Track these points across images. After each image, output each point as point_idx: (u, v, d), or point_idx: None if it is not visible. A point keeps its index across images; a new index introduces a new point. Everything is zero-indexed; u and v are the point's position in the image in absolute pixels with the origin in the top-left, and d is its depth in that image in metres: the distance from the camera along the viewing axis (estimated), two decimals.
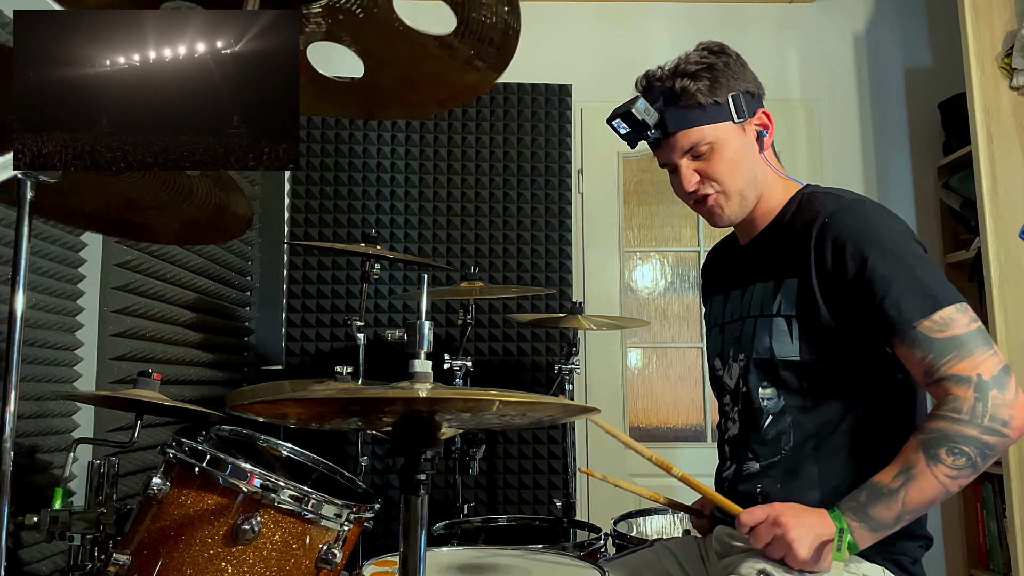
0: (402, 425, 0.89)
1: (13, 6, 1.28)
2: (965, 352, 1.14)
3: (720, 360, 1.43)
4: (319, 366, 2.97)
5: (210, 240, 1.47)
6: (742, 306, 1.37)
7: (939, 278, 1.19)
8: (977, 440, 1.11)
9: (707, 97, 1.32)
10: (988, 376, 1.12)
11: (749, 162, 1.35)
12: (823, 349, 1.26)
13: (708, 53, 1.36)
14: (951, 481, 1.12)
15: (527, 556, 1.45)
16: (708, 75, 1.33)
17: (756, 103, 1.36)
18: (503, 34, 1.05)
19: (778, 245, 1.34)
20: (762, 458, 1.31)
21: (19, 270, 1.01)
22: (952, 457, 1.12)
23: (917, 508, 1.14)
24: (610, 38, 3.28)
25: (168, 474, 1.30)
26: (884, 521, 1.14)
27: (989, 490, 2.83)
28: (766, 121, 1.36)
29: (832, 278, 1.22)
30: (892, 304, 1.17)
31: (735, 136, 1.34)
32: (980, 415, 1.11)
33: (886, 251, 1.20)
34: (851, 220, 1.23)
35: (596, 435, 3.08)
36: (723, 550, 1.36)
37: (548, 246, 3.07)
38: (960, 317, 1.15)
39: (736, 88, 1.34)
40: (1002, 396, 1.12)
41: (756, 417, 1.32)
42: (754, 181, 1.36)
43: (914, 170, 3.21)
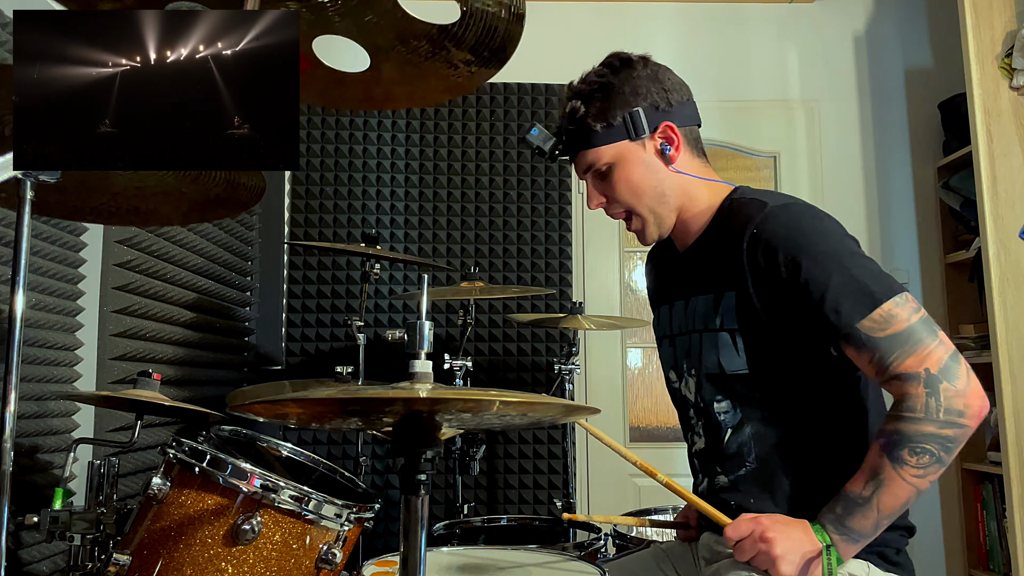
0: (402, 425, 0.89)
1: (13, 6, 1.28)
2: (910, 347, 1.12)
3: (675, 373, 1.41)
4: (319, 366, 2.97)
5: (223, 215, 1.47)
6: (687, 319, 1.35)
7: (875, 273, 1.17)
8: (936, 436, 1.10)
9: (597, 120, 1.30)
10: (936, 369, 1.11)
11: (652, 180, 1.32)
12: (771, 359, 1.24)
13: (606, 69, 1.33)
14: (920, 480, 1.12)
15: (527, 556, 1.45)
16: (600, 95, 1.31)
17: (661, 116, 1.31)
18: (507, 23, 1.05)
19: (712, 255, 1.30)
20: (729, 472, 1.30)
21: (19, 270, 1.01)
22: (915, 457, 1.11)
23: (893, 512, 1.13)
24: (610, 38, 3.28)
25: (168, 474, 1.30)
26: (863, 531, 1.14)
27: (989, 490, 2.84)
28: (670, 135, 1.31)
29: (768, 288, 1.20)
30: (830, 308, 1.15)
31: (636, 154, 1.31)
32: (935, 411, 1.10)
33: (817, 254, 1.17)
34: (778, 228, 1.20)
35: None
36: (711, 556, 1.35)
37: (548, 246, 3.07)
38: (900, 311, 1.13)
39: (634, 104, 1.30)
40: (953, 387, 1.10)
41: (717, 430, 1.31)
42: (662, 198, 1.32)
43: (914, 170, 3.21)
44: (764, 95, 3.27)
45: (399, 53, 1.14)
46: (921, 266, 3.14)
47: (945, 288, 3.10)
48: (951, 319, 3.07)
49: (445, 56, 1.14)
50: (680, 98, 1.34)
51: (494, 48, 1.11)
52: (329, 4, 1.04)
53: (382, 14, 1.07)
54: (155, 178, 1.31)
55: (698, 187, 1.34)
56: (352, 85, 1.24)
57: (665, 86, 1.33)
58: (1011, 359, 2.47)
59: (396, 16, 1.07)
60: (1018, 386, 2.45)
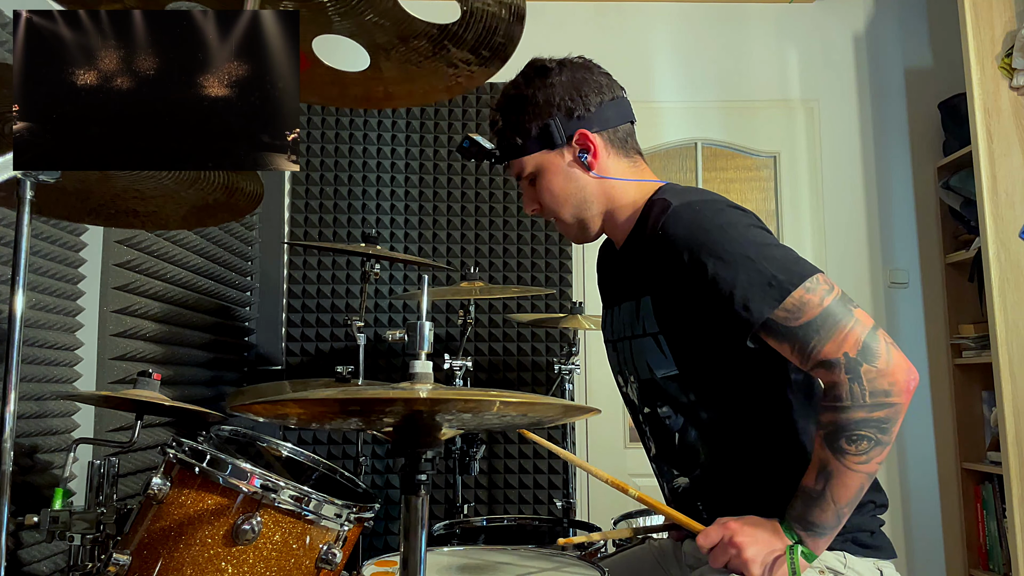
0: (403, 425, 0.89)
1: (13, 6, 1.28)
2: (825, 333, 1.10)
3: (621, 378, 1.41)
4: (319, 366, 2.97)
5: (221, 220, 1.47)
6: (618, 325, 1.36)
7: (782, 261, 1.14)
8: (868, 420, 1.09)
9: (514, 134, 1.31)
10: (854, 352, 1.09)
11: (574, 186, 1.32)
12: (697, 359, 1.24)
13: (521, 80, 1.33)
14: (865, 466, 1.10)
15: (527, 556, 1.45)
16: (513, 109, 1.32)
17: (576, 124, 1.30)
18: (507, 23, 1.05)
19: (635, 258, 1.31)
20: (685, 472, 1.31)
21: (19, 270, 1.01)
22: (853, 445, 1.10)
23: (850, 500, 1.12)
24: (610, 38, 3.28)
25: (168, 474, 1.30)
26: (827, 523, 1.13)
27: (989, 490, 2.84)
28: (586, 142, 1.30)
29: (679, 289, 1.20)
30: (740, 304, 1.13)
31: (555, 163, 1.31)
32: (860, 395, 1.08)
33: (721, 251, 1.15)
34: (680, 229, 1.19)
35: (596, 436, 3.08)
36: (694, 563, 1.36)
37: (548, 246, 3.07)
38: (811, 297, 1.11)
39: (547, 115, 1.29)
40: (875, 367, 1.08)
41: (665, 434, 1.31)
42: (584, 203, 1.33)
43: (914, 170, 3.21)
44: (764, 95, 3.27)
45: (399, 52, 1.14)
46: (921, 266, 3.14)
47: (945, 288, 3.10)
48: (951, 319, 3.07)
49: (445, 56, 1.14)
50: (599, 100, 1.32)
51: (494, 48, 1.12)
52: (329, 3, 1.04)
53: (382, 13, 1.07)
54: (154, 181, 1.31)
55: (623, 187, 1.33)
56: (352, 84, 1.24)
57: (582, 91, 1.31)
58: (1011, 359, 2.46)
59: (396, 15, 1.07)
60: (1018, 386, 2.45)
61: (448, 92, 1.26)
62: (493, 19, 1.05)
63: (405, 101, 1.30)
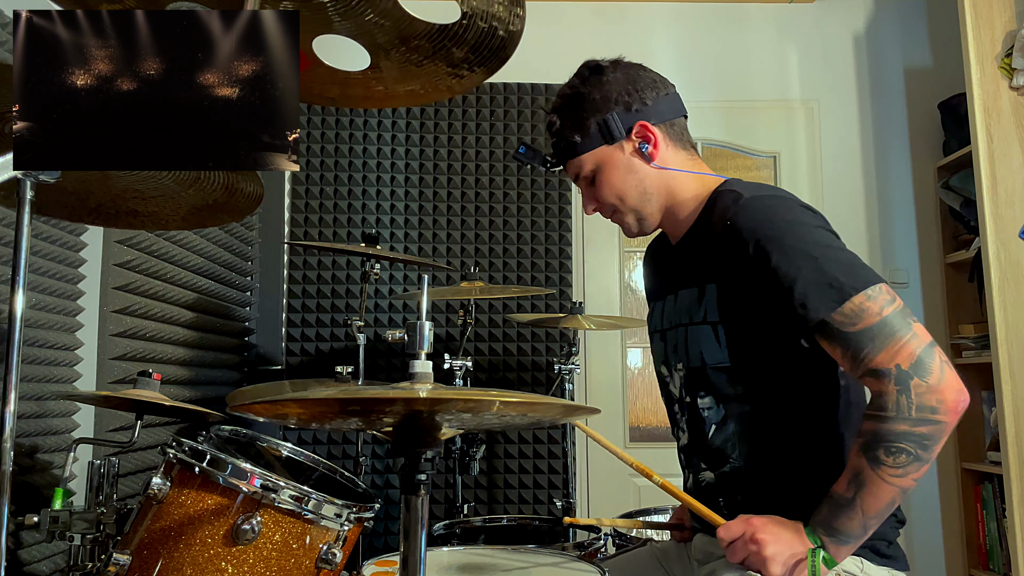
0: (402, 425, 0.89)
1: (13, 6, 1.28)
2: (880, 342, 1.09)
3: (665, 367, 1.40)
4: (319, 366, 2.97)
5: (221, 221, 1.47)
6: (676, 313, 1.35)
7: (846, 265, 1.14)
8: (910, 434, 1.08)
9: (573, 132, 1.33)
10: (907, 364, 1.08)
11: (635, 179, 1.34)
12: (751, 352, 1.24)
13: (577, 80, 1.37)
14: (900, 479, 1.09)
15: (527, 556, 1.45)
16: (571, 108, 1.34)
17: (635, 116, 1.33)
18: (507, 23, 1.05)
19: (698, 248, 1.31)
20: (714, 467, 1.30)
21: (19, 270, 1.01)
22: (891, 456, 1.09)
23: (878, 513, 1.12)
24: (610, 38, 3.28)
25: (168, 474, 1.30)
26: (852, 532, 1.12)
27: (989, 490, 2.84)
28: (646, 133, 1.32)
29: (743, 280, 1.20)
30: (798, 301, 1.13)
31: (615, 157, 1.33)
32: (906, 408, 1.07)
33: (785, 246, 1.15)
34: (749, 220, 1.20)
35: None
36: (703, 558, 1.35)
37: (548, 246, 3.07)
38: (872, 305, 1.10)
39: (606, 110, 1.32)
40: (925, 383, 1.07)
41: (701, 426, 1.31)
42: (646, 195, 1.34)
43: (914, 170, 3.21)
44: (764, 95, 3.27)
45: (400, 52, 1.14)
46: (921, 266, 3.14)
47: (945, 288, 3.10)
48: (951, 319, 3.07)
49: (445, 56, 1.14)
50: (655, 94, 1.35)
51: (494, 48, 1.12)
52: (329, 3, 1.04)
53: (382, 13, 1.07)
54: (154, 181, 1.31)
55: (684, 180, 1.35)
56: (352, 84, 1.24)
57: (637, 86, 1.34)
58: (1011, 359, 2.46)
59: (396, 15, 1.07)
60: (1018, 386, 2.45)
61: (448, 92, 1.26)
62: (493, 19, 1.05)
63: (405, 101, 1.29)
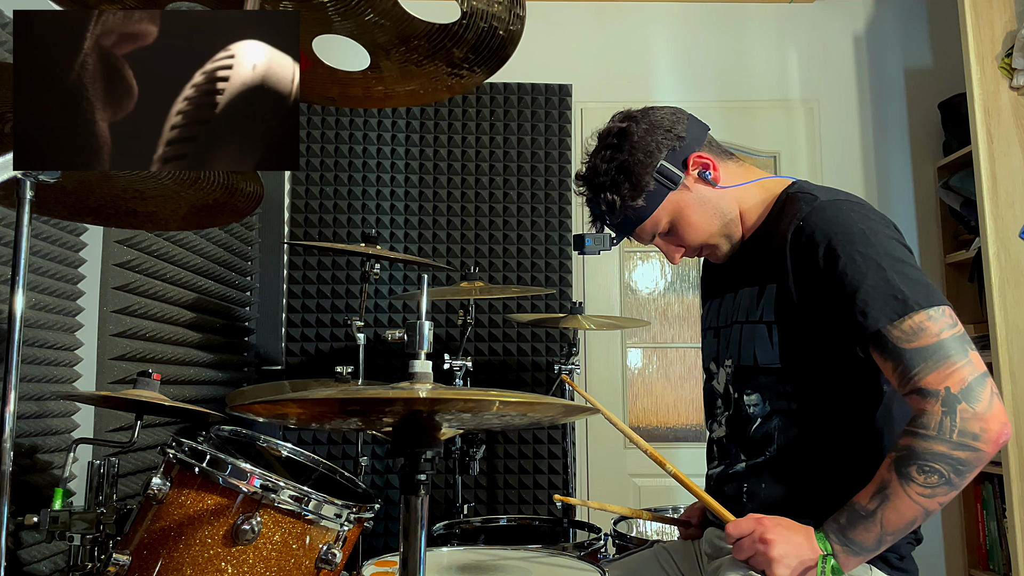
0: (402, 425, 0.89)
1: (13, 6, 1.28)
2: (933, 363, 1.09)
3: (715, 364, 1.42)
4: (319, 366, 2.97)
5: (221, 222, 1.47)
6: (732, 311, 1.37)
7: (913, 280, 1.14)
8: (947, 456, 1.07)
9: (635, 198, 1.32)
10: (957, 389, 1.08)
11: (711, 208, 1.34)
12: (803, 355, 1.24)
13: (610, 152, 1.34)
14: (926, 500, 1.09)
15: (527, 556, 1.45)
16: (623, 177, 1.32)
17: (683, 153, 1.33)
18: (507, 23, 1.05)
19: (762, 249, 1.33)
20: (749, 457, 1.31)
21: (19, 270, 1.01)
22: (923, 475, 1.08)
23: (897, 530, 1.11)
24: (610, 38, 3.28)
25: (168, 474, 1.30)
26: (866, 544, 1.12)
27: (989, 490, 2.84)
28: (701, 160, 1.33)
29: (806, 281, 1.21)
30: (859, 307, 1.13)
31: (685, 198, 1.33)
32: (948, 430, 1.07)
33: (856, 252, 1.16)
34: (823, 221, 1.20)
35: (596, 435, 3.08)
36: (713, 552, 1.36)
37: (548, 246, 3.07)
38: (931, 325, 1.11)
39: (656, 161, 1.31)
40: (972, 409, 1.07)
41: (743, 422, 1.31)
42: (724, 216, 1.35)
43: (914, 170, 3.21)
44: (764, 95, 3.27)
45: (399, 52, 1.14)
46: (921, 266, 3.12)
47: (945, 288, 3.09)
48: None
49: (445, 56, 1.14)
50: (681, 127, 1.35)
51: (494, 48, 1.12)
52: (329, 3, 1.04)
53: (382, 13, 1.07)
54: (154, 181, 1.31)
55: (748, 193, 1.36)
56: (352, 84, 1.24)
57: (664, 127, 1.34)
58: (1011, 359, 2.46)
59: (396, 15, 1.07)
60: (1018, 386, 2.45)
61: (448, 92, 1.26)
62: (493, 19, 1.05)
63: (405, 101, 1.29)
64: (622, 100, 3.23)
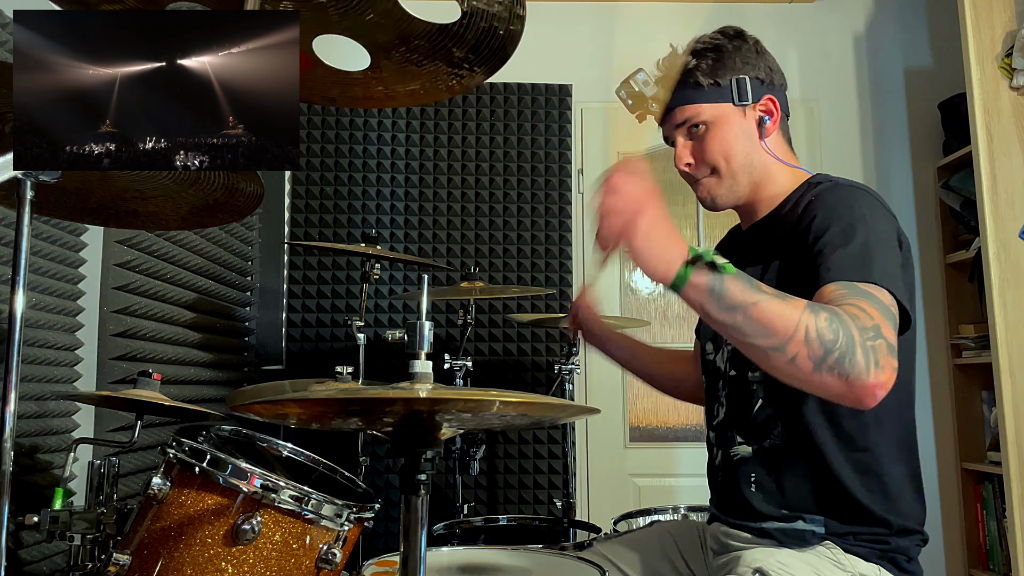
0: (402, 425, 0.89)
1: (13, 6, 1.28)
2: (860, 300, 1.06)
3: (712, 344, 1.42)
4: (319, 366, 2.97)
5: (221, 221, 1.48)
6: None
7: (885, 264, 1.13)
8: (853, 343, 1.00)
9: (707, 77, 1.35)
10: (865, 323, 1.03)
11: (745, 146, 1.35)
12: None
13: (721, 35, 1.39)
14: (801, 340, 1.01)
15: (527, 556, 1.45)
16: (713, 55, 1.36)
17: (765, 89, 1.36)
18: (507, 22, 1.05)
19: (772, 231, 1.34)
20: (753, 442, 1.30)
21: (19, 270, 1.01)
22: (827, 324, 1.01)
23: (758, 321, 1.03)
24: (610, 38, 3.28)
25: (168, 474, 1.30)
26: (725, 297, 1.04)
27: (989, 490, 2.84)
28: (771, 108, 1.36)
29: (803, 251, 1.21)
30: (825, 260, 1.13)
31: (734, 118, 1.35)
32: (867, 334, 1.02)
33: (848, 224, 1.17)
34: (831, 196, 1.23)
35: (596, 435, 3.08)
36: (719, 547, 1.36)
37: (548, 246, 3.07)
38: (882, 295, 1.08)
39: (742, 72, 1.35)
40: (887, 356, 1.02)
41: (745, 400, 1.31)
42: (749, 167, 1.36)
43: (914, 170, 3.21)
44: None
45: (400, 52, 1.14)
46: (921, 266, 3.14)
47: (945, 288, 3.10)
48: (951, 319, 3.07)
49: (445, 55, 1.14)
50: (783, 84, 1.41)
51: (494, 48, 1.11)
52: (329, 3, 1.04)
53: (382, 13, 1.07)
54: (154, 181, 1.31)
55: (779, 170, 1.38)
56: (352, 84, 1.24)
57: (774, 68, 1.40)
58: (1011, 359, 2.46)
59: (396, 15, 1.07)
60: (1018, 386, 2.45)
61: (448, 92, 1.26)
62: (493, 19, 1.05)
63: (405, 101, 1.29)
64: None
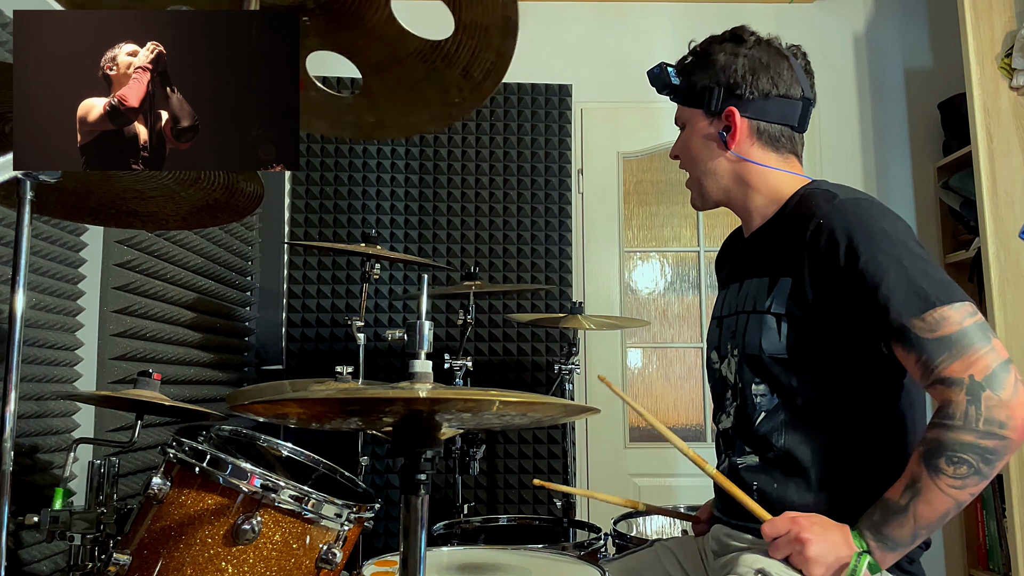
0: (402, 425, 0.89)
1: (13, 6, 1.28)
2: (957, 351, 1.09)
3: (717, 353, 1.42)
4: (319, 366, 2.97)
5: (221, 221, 1.47)
6: (738, 300, 1.36)
7: (933, 277, 1.14)
8: (975, 446, 1.06)
9: (687, 79, 1.38)
10: (981, 376, 1.07)
11: (706, 154, 1.38)
12: (811, 350, 1.24)
13: (719, 39, 1.41)
14: (957, 492, 1.08)
15: (527, 556, 1.45)
16: (698, 59, 1.38)
17: (730, 101, 1.34)
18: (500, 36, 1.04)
19: (774, 241, 1.32)
20: (756, 452, 1.30)
21: (19, 270, 1.01)
22: (952, 467, 1.08)
23: (931, 523, 1.11)
24: (610, 38, 3.28)
25: (168, 474, 1.30)
26: (900, 539, 1.12)
27: (989, 490, 2.83)
28: (731, 122, 1.34)
29: (825, 278, 1.20)
30: (882, 303, 1.13)
31: (699, 125, 1.38)
32: (974, 419, 1.07)
33: (876, 248, 1.16)
34: (843, 220, 1.20)
35: (596, 435, 3.08)
36: (720, 549, 1.36)
37: (548, 246, 3.07)
38: (953, 314, 1.10)
39: (716, 80, 1.35)
40: (997, 396, 1.06)
41: (750, 412, 1.31)
42: (713, 174, 1.38)
43: (914, 170, 3.21)
44: None
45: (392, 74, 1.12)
46: None
47: None
48: None
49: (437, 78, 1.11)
50: (767, 91, 1.34)
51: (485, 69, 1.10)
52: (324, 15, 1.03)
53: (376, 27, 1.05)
54: (154, 181, 1.31)
55: (763, 175, 1.36)
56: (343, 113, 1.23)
57: (757, 74, 1.35)
58: None
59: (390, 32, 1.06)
60: None
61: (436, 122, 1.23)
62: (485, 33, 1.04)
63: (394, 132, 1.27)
64: (622, 100, 3.23)
